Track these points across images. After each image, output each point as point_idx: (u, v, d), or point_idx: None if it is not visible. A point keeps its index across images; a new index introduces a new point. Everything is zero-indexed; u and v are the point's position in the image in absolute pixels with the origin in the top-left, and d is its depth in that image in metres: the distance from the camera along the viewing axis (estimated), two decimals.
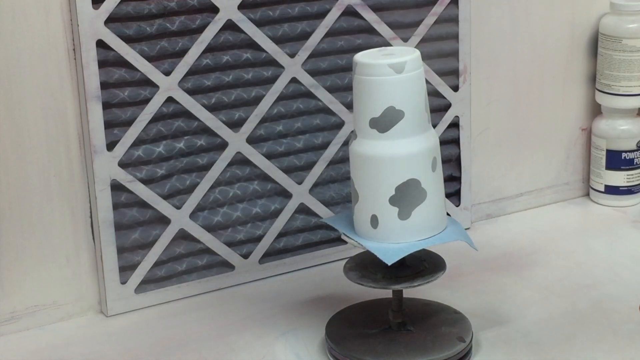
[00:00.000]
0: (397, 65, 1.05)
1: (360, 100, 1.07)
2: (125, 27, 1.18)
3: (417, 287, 1.10)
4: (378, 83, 1.06)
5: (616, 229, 1.46)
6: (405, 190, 1.07)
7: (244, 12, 1.24)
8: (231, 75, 1.26)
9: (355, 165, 1.09)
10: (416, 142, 1.07)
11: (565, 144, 1.53)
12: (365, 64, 1.06)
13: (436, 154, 1.09)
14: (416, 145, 1.07)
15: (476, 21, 1.40)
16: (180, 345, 1.19)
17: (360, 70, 1.06)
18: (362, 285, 1.10)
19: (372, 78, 1.06)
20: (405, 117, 1.06)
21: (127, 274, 1.25)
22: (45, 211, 1.20)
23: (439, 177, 1.09)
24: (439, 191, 1.10)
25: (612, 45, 1.47)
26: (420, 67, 1.07)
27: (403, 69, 1.05)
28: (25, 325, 1.22)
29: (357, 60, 1.07)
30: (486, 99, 1.45)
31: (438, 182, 1.09)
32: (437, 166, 1.09)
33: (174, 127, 1.24)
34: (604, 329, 1.19)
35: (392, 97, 1.06)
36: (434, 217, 1.09)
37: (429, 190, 1.08)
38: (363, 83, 1.06)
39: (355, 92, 1.08)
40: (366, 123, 1.07)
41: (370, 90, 1.06)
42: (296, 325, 1.22)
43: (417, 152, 1.07)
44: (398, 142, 1.06)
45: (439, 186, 1.09)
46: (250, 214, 1.31)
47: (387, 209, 1.07)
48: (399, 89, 1.06)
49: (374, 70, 1.05)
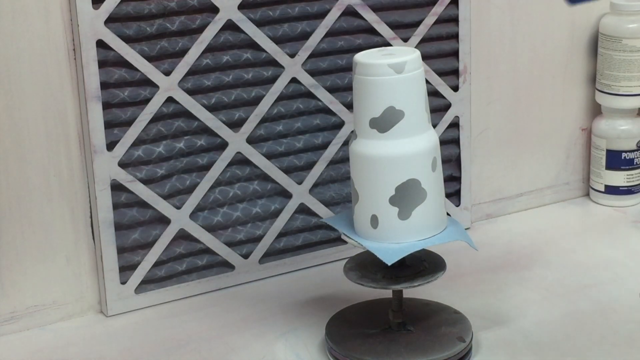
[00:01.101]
0: (397, 65, 1.05)
1: (361, 100, 1.07)
2: (125, 27, 1.18)
3: (417, 287, 1.10)
4: (378, 83, 1.06)
5: (616, 229, 1.46)
6: (405, 190, 1.07)
7: (244, 12, 1.24)
8: (231, 75, 1.26)
9: (355, 165, 1.09)
10: (416, 142, 1.07)
11: (565, 144, 1.53)
12: (366, 64, 1.06)
13: (436, 154, 1.09)
14: (416, 145, 1.07)
15: (476, 21, 1.40)
16: (180, 345, 1.19)
17: (360, 70, 1.06)
18: (362, 285, 1.10)
19: (372, 78, 1.06)
20: (405, 117, 1.06)
21: (127, 274, 1.25)
22: (45, 211, 1.20)
23: (439, 177, 1.09)
24: (439, 191, 1.10)
25: (612, 45, 1.47)
26: (420, 67, 1.07)
27: (403, 69, 1.05)
28: (25, 325, 1.22)
29: (357, 60, 1.07)
30: (486, 99, 1.45)
31: (438, 182, 1.09)
32: (437, 166, 1.09)
33: (174, 127, 1.24)
34: (604, 329, 1.19)
35: (392, 97, 1.06)
36: (434, 217, 1.09)
37: (429, 190, 1.08)
38: (363, 83, 1.06)
39: (356, 92, 1.08)
40: (366, 123, 1.07)
41: (370, 90, 1.06)
42: (296, 325, 1.22)
43: (417, 152, 1.07)
44: (398, 142, 1.07)
45: (439, 186, 1.09)
46: (250, 214, 1.31)
47: (387, 209, 1.07)
48: (399, 89, 1.06)
49: (374, 70, 1.05)
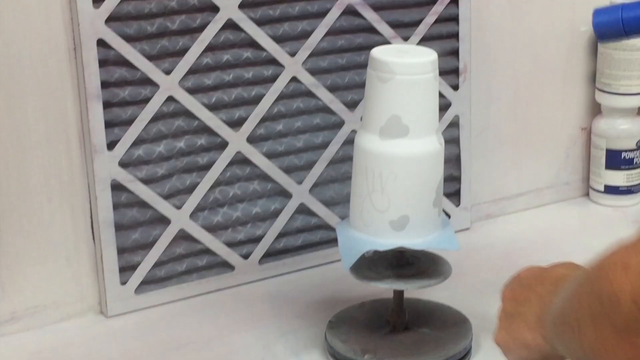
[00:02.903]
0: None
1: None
2: (125, 26, 1.18)
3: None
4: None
5: (616, 229, 1.46)
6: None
7: (245, 11, 1.24)
8: (231, 74, 1.26)
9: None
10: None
11: (565, 144, 1.53)
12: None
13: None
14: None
15: (476, 21, 1.40)
16: (180, 345, 1.19)
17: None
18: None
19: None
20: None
21: (127, 274, 1.25)
22: (45, 211, 1.20)
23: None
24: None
25: (612, 45, 1.46)
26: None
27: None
28: (25, 325, 1.22)
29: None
30: (486, 98, 1.45)
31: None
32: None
33: (174, 126, 1.24)
34: None
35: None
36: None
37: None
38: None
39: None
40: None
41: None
42: (296, 325, 1.22)
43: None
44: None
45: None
46: (250, 214, 1.31)
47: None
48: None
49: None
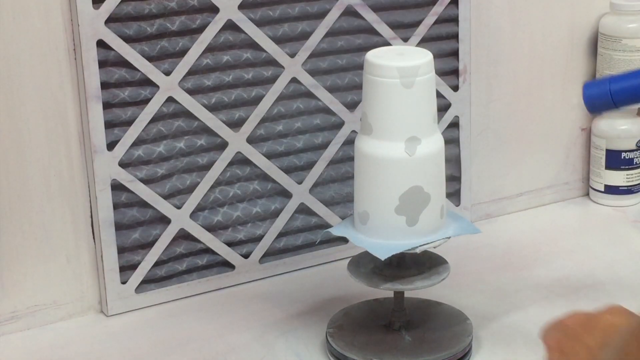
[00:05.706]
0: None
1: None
2: (125, 27, 1.18)
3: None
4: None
5: (616, 229, 1.46)
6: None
7: (244, 12, 1.24)
8: (231, 75, 1.26)
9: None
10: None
11: (565, 144, 1.53)
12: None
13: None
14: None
15: (476, 21, 1.40)
16: (180, 345, 1.19)
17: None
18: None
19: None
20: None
21: (128, 273, 1.25)
22: (45, 211, 1.20)
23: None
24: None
25: (612, 45, 1.47)
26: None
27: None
28: (26, 325, 1.22)
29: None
30: (486, 99, 1.45)
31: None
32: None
33: (174, 127, 1.24)
34: None
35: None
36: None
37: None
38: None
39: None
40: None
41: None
42: (296, 325, 1.22)
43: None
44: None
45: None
46: (250, 213, 1.31)
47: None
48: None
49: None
